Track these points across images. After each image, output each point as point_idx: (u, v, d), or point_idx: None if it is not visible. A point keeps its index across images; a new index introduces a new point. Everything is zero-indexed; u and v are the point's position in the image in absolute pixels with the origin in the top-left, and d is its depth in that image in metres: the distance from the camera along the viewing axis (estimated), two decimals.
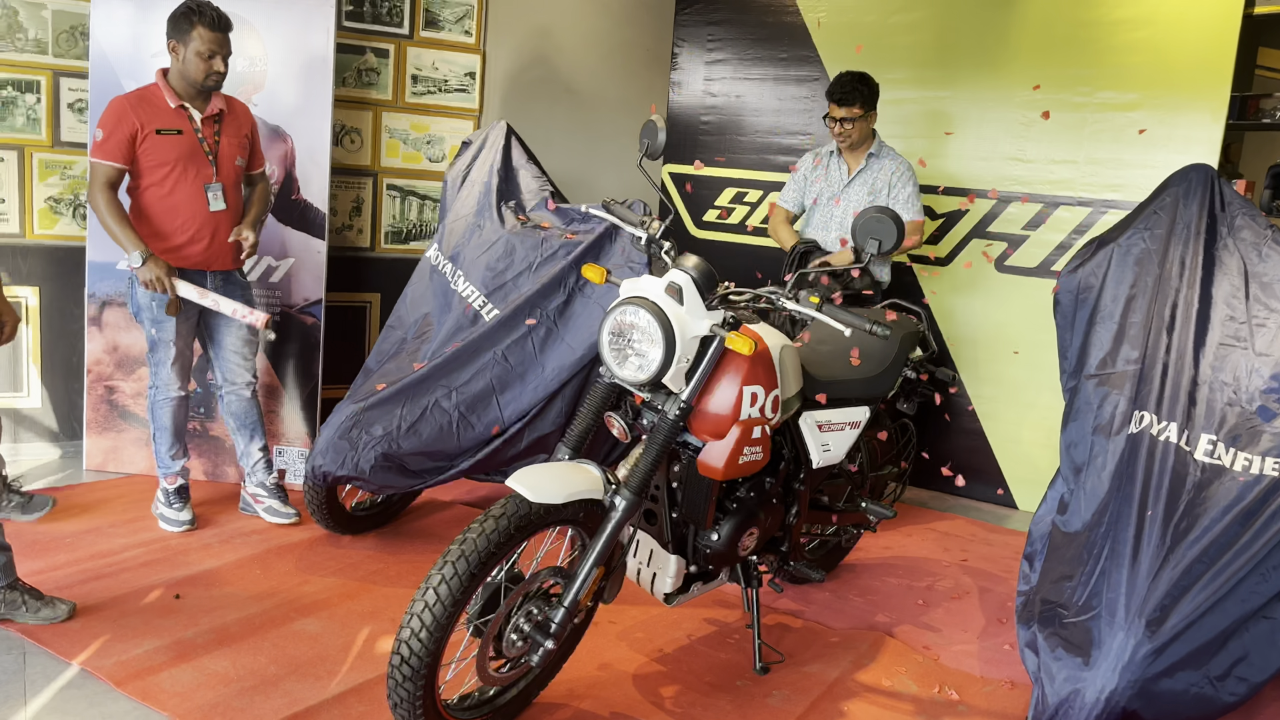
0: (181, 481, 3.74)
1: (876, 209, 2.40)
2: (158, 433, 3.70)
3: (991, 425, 4.91)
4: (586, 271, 2.66)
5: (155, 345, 3.60)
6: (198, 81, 3.46)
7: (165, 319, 3.53)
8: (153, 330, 3.57)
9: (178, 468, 3.72)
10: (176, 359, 3.61)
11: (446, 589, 2.23)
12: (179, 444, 3.73)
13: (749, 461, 2.64)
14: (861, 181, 4.39)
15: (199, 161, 3.51)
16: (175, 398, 3.66)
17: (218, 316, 3.66)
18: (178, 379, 3.64)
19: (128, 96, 3.47)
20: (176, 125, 3.48)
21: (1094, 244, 2.87)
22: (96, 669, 2.69)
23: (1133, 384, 2.64)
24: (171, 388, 3.64)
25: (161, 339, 3.57)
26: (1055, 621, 2.51)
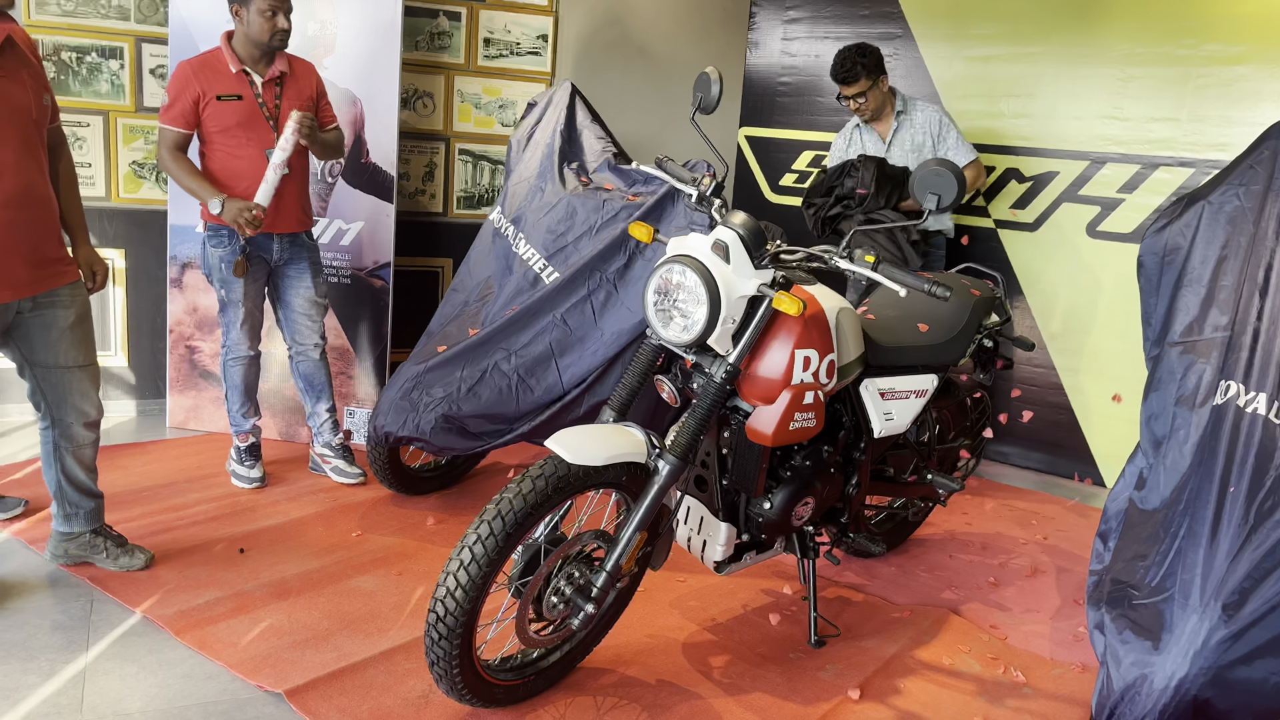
0: (253, 440, 3.82)
1: (935, 161, 2.26)
2: (229, 391, 3.78)
3: (1079, 400, 4.67)
4: (634, 230, 2.59)
5: (225, 306, 3.66)
6: (263, 41, 3.48)
7: (233, 280, 3.59)
8: (222, 291, 3.64)
9: (249, 426, 3.79)
10: (246, 319, 3.67)
11: (482, 548, 2.21)
12: (250, 403, 3.80)
13: (801, 428, 2.55)
14: (899, 143, 4.33)
15: (260, 126, 3.54)
16: (246, 357, 3.73)
17: (282, 278, 3.71)
18: (247, 339, 3.71)
19: (191, 62, 3.52)
20: (237, 90, 3.51)
21: (1183, 201, 2.67)
22: (158, 617, 2.77)
23: (1220, 352, 2.45)
24: (241, 347, 3.71)
25: (231, 299, 3.64)
26: (1125, 602, 2.36)
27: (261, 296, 3.74)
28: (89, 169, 4.30)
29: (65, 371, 2.86)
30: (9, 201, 2.63)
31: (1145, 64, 4.35)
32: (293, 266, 3.73)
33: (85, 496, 2.99)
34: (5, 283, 2.67)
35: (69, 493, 2.97)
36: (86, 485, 2.99)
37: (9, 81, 2.63)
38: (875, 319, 3.10)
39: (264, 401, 4.33)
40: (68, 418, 2.90)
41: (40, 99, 2.74)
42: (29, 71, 2.71)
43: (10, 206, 2.64)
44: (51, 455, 2.93)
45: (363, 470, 3.92)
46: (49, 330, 2.81)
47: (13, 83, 2.64)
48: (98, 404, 2.96)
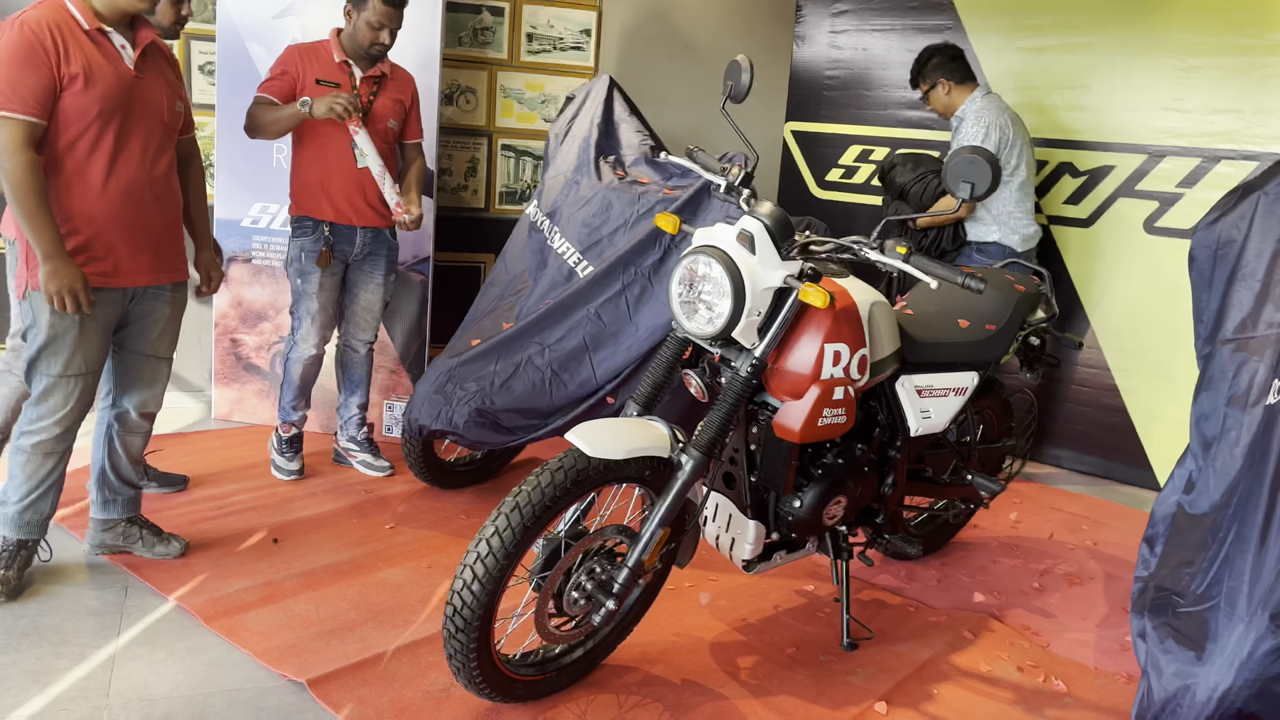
0: (296, 431, 3.84)
1: (969, 148, 2.18)
2: (285, 385, 3.79)
3: (1135, 401, 4.52)
4: (660, 221, 2.55)
5: (299, 297, 3.67)
6: (363, 47, 3.58)
7: (312, 271, 3.62)
8: (298, 281, 3.66)
9: (296, 418, 3.82)
10: (319, 313, 3.68)
11: (499, 540, 2.19)
12: (303, 398, 3.83)
13: (830, 425, 2.48)
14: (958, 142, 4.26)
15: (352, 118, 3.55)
16: (310, 356, 3.73)
17: (356, 272, 3.76)
18: (316, 334, 3.70)
19: (300, 46, 3.64)
20: (336, 78, 3.58)
21: (1237, 192, 2.54)
22: (190, 605, 2.80)
23: (1275, 350, 2.32)
24: (308, 343, 3.70)
25: (306, 291, 3.65)
26: (1168, 611, 2.25)
27: (337, 292, 3.75)
28: None
29: (146, 359, 2.95)
30: (130, 192, 2.73)
31: (1207, 53, 4.18)
32: (369, 262, 3.76)
33: (125, 485, 3.04)
34: (128, 269, 2.78)
35: (111, 479, 3.02)
36: (129, 474, 3.04)
37: (147, 83, 2.75)
38: (914, 314, 3.01)
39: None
40: (130, 402, 2.97)
41: (174, 104, 2.86)
42: (165, 79, 2.84)
43: (133, 197, 2.74)
44: (103, 437, 3.00)
45: (391, 463, 3.93)
46: (146, 319, 2.90)
47: (150, 85, 2.76)
48: (160, 399, 3.04)
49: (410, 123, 3.81)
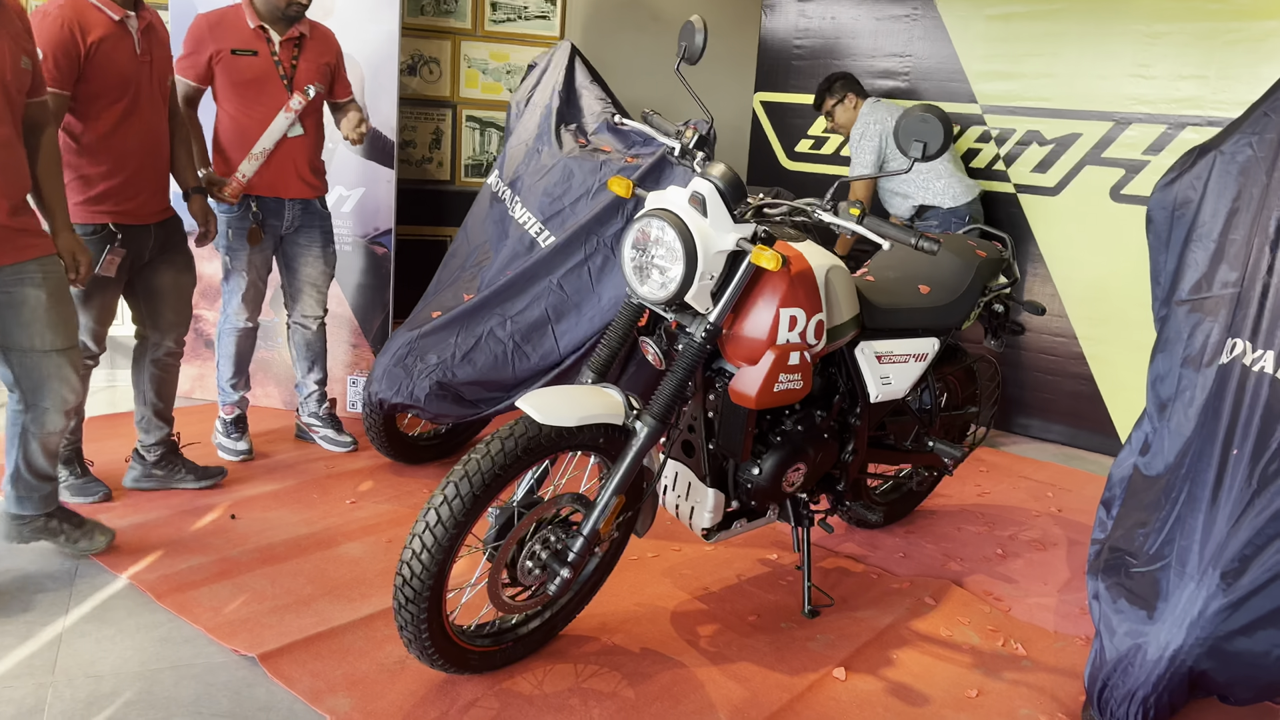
0: (239, 412, 3.74)
1: (921, 107, 2.15)
2: (221, 360, 3.72)
3: (1102, 369, 4.52)
4: (612, 184, 2.50)
5: (229, 274, 3.60)
6: (279, 9, 3.44)
7: (240, 247, 3.54)
8: (227, 258, 3.58)
9: (236, 398, 3.72)
10: (249, 289, 3.60)
11: (448, 509, 2.15)
12: (241, 375, 3.73)
13: (786, 390, 2.46)
14: None
15: (274, 86, 3.45)
16: (242, 328, 3.67)
17: (292, 245, 3.66)
18: (246, 309, 3.64)
19: (207, 16, 3.46)
20: (253, 46, 3.42)
21: (1194, 153, 2.52)
22: (142, 582, 2.76)
23: (1229, 309, 2.31)
24: (239, 318, 3.64)
25: (235, 268, 3.57)
26: (1121, 571, 2.25)
27: (268, 267, 3.68)
28: None
29: (42, 356, 2.65)
30: None
31: (1172, 19, 4.17)
32: (303, 234, 3.67)
33: (42, 481, 2.79)
34: None
35: (25, 477, 2.76)
36: (45, 471, 2.78)
37: None
38: (874, 280, 2.99)
39: (267, 370, 4.32)
40: (44, 403, 2.69)
41: (17, 62, 2.54)
42: (8, 33, 2.53)
43: None
44: (17, 439, 2.72)
45: (354, 438, 3.89)
46: (20, 310, 2.58)
47: None
48: (78, 389, 2.75)
49: (339, 82, 3.68)
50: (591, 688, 2.42)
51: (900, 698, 2.47)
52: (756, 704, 2.40)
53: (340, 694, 2.31)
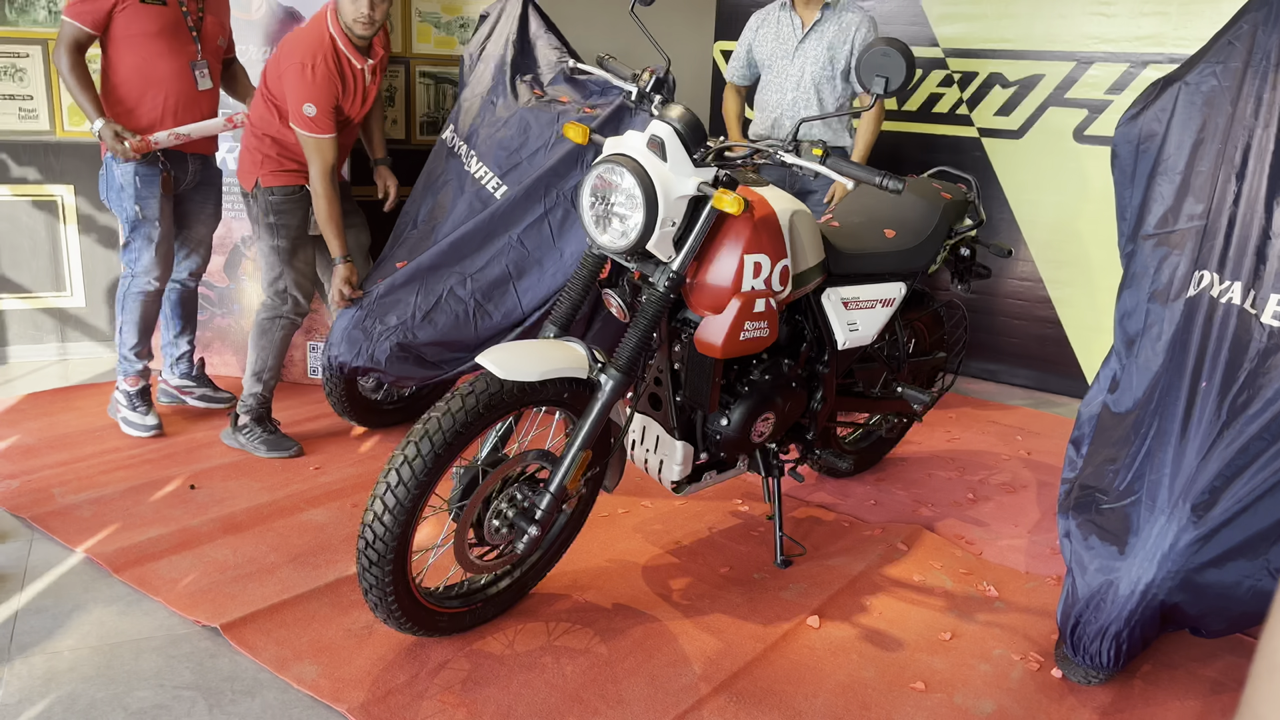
0: (144, 383, 3.54)
1: (884, 40, 2.09)
2: (124, 326, 3.46)
3: (1068, 312, 4.53)
4: (568, 130, 2.43)
5: (138, 225, 3.35)
6: None
7: (152, 195, 3.33)
8: (136, 208, 3.33)
9: (141, 367, 3.51)
10: (162, 241, 3.39)
11: (409, 470, 2.10)
12: (145, 343, 3.51)
13: (752, 338, 2.41)
14: (818, 37, 3.87)
15: (183, 37, 3.32)
16: (153, 289, 3.44)
17: (188, 202, 3.53)
18: (159, 265, 3.41)
19: None
20: None
21: (1158, 85, 2.49)
22: (99, 555, 2.68)
23: (1195, 242, 2.29)
24: (152, 275, 3.41)
25: (147, 217, 3.34)
26: (1092, 508, 2.24)
27: (172, 220, 3.47)
28: (30, 101, 4.13)
29: None
30: None
31: None
32: (199, 191, 3.54)
33: None
34: None
35: None
36: None
37: None
38: (839, 225, 2.94)
39: (225, 338, 4.22)
40: None
41: None
42: None
43: None
44: None
45: (231, 394, 3.80)
46: None
47: None
48: None
49: (231, 39, 3.57)
50: (564, 645, 2.39)
51: (874, 643, 2.46)
52: (731, 655, 2.38)
53: (306, 661, 2.27)
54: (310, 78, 3.19)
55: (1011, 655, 2.43)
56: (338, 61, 3.27)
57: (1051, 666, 2.37)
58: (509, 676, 2.26)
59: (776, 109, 3.99)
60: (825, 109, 3.89)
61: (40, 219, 4.22)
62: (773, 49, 3.99)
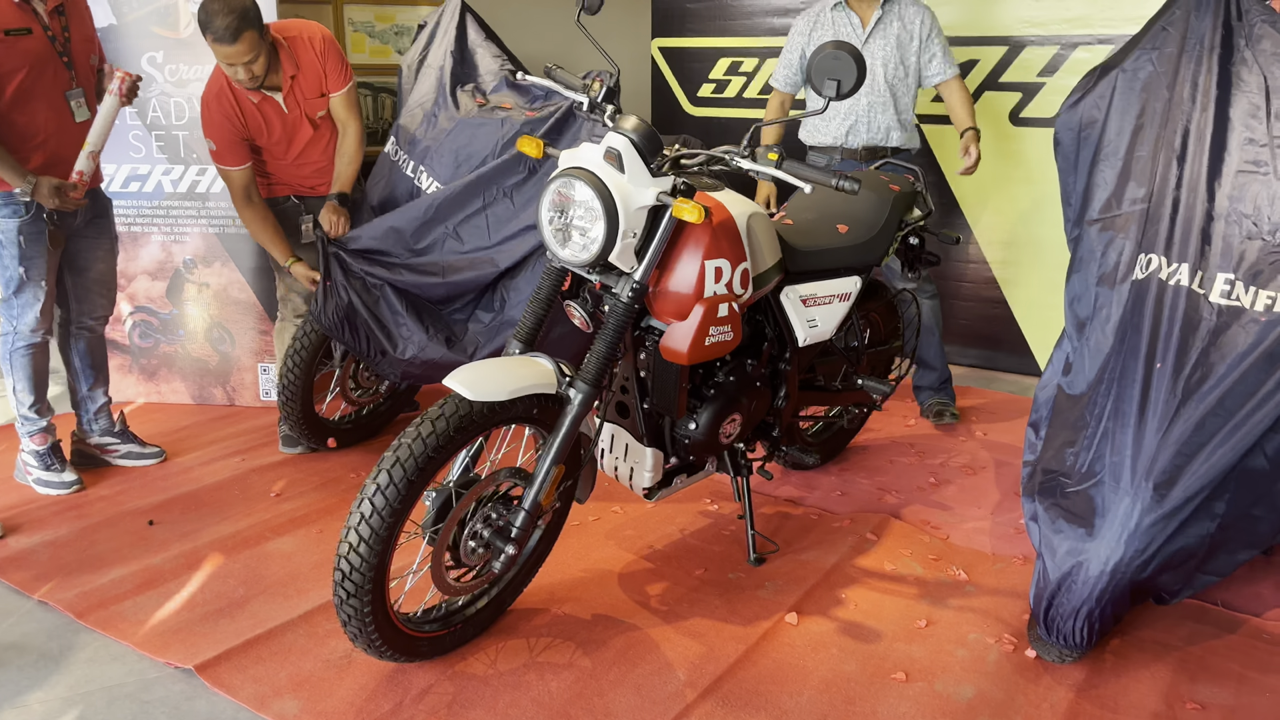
0: (53, 439, 3.28)
1: (832, 43, 2.11)
2: (18, 386, 3.20)
3: (1013, 291, 4.62)
4: (522, 144, 2.41)
5: (22, 285, 3.08)
6: None
7: (38, 254, 3.06)
8: (21, 270, 3.05)
9: (45, 423, 3.25)
10: (47, 299, 3.13)
11: (383, 499, 2.07)
12: (43, 397, 3.26)
13: (717, 343, 2.42)
14: (882, 35, 3.68)
15: (53, 65, 3.00)
16: (40, 343, 3.20)
17: (80, 241, 3.26)
18: (44, 321, 3.16)
19: None
20: (24, 23, 2.91)
21: (1096, 72, 2.55)
22: (58, 601, 2.61)
23: (1139, 225, 2.35)
24: (37, 333, 3.16)
25: (32, 278, 3.07)
26: (1057, 492, 2.29)
27: (57, 270, 3.21)
28: None
29: None
30: None
31: None
32: (92, 227, 3.28)
33: None
34: None
35: None
36: None
37: None
38: (793, 223, 2.97)
39: (171, 364, 4.12)
40: None
41: None
42: None
43: None
44: None
45: (160, 448, 3.57)
46: None
47: None
48: None
49: (101, 51, 3.29)
50: (547, 660, 2.39)
51: (853, 636, 2.50)
52: (713, 658, 2.39)
53: (287, 697, 2.23)
54: (207, 116, 3.35)
55: (986, 639, 2.48)
56: (234, 99, 3.32)
57: (1025, 647, 2.42)
58: (494, 697, 2.24)
59: (850, 115, 3.75)
60: (900, 111, 3.75)
61: None
62: None
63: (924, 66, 3.79)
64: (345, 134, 3.53)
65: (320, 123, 3.50)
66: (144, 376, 4.13)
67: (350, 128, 3.52)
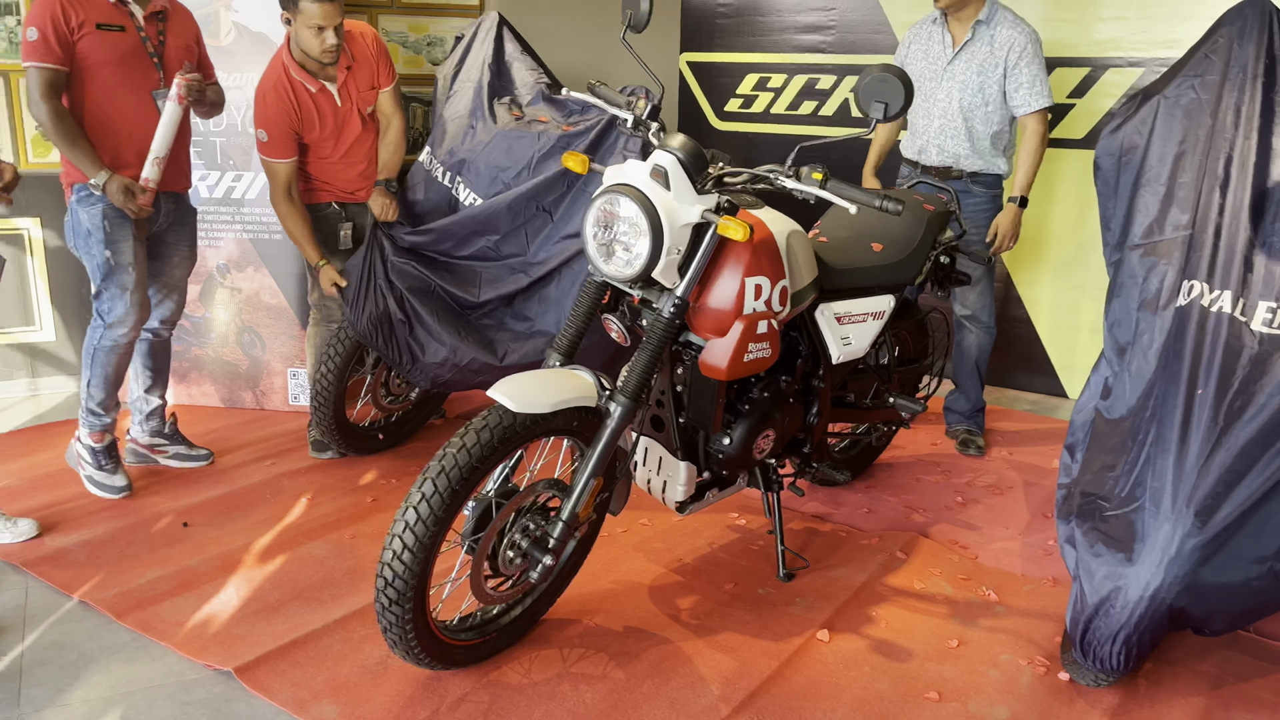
0: (111, 438, 3.29)
1: (880, 66, 2.13)
2: (93, 381, 3.20)
3: (1038, 311, 4.63)
4: (567, 160, 2.44)
5: (111, 271, 3.11)
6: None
7: (125, 238, 3.11)
8: (106, 254, 3.10)
9: (109, 421, 3.26)
10: (137, 286, 3.15)
11: (427, 507, 2.10)
12: (114, 396, 3.27)
13: (756, 359, 2.44)
14: (969, 56, 3.55)
15: (143, 64, 3.10)
16: (126, 341, 3.19)
17: (160, 244, 3.33)
18: (135, 315, 3.17)
19: None
20: (118, 20, 3.03)
21: (1137, 98, 2.56)
22: (97, 601, 2.64)
23: (1182, 252, 2.37)
24: (127, 324, 3.16)
25: (119, 263, 3.11)
26: (1095, 515, 2.30)
27: (146, 264, 3.26)
28: None
29: None
30: None
31: None
32: (173, 232, 3.36)
33: None
34: None
35: None
36: None
37: None
38: (827, 241, 2.99)
39: (203, 367, 4.16)
40: None
41: None
42: None
43: None
44: None
45: (209, 450, 3.62)
46: None
47: None
48: None
49: (203, 62, 3.37)
50: (580, 671, 2.40)
51: (885, 655, 2.50)
52: (746, 673, 2.40)
53: (325, 701, 2.25)
54: (261, 106, 3.40)
55: (1019, 660, 2.48)
56: (291, 90, 3.39)
57: (1058, 670, 2.43)
58: (530, 707, 2.26)
59: (923, 136, 3.70)
60: (976, 140, 3.61)
61: (7, 253, 4.13)
62: (922, 69, 3.67)
63: (1010, 95, 3.55)
64: (390, 126, 3.63)
65: (369, 119, 3.58)
66: (175, 379, 4.17)
67: (395, 121, 3.62)
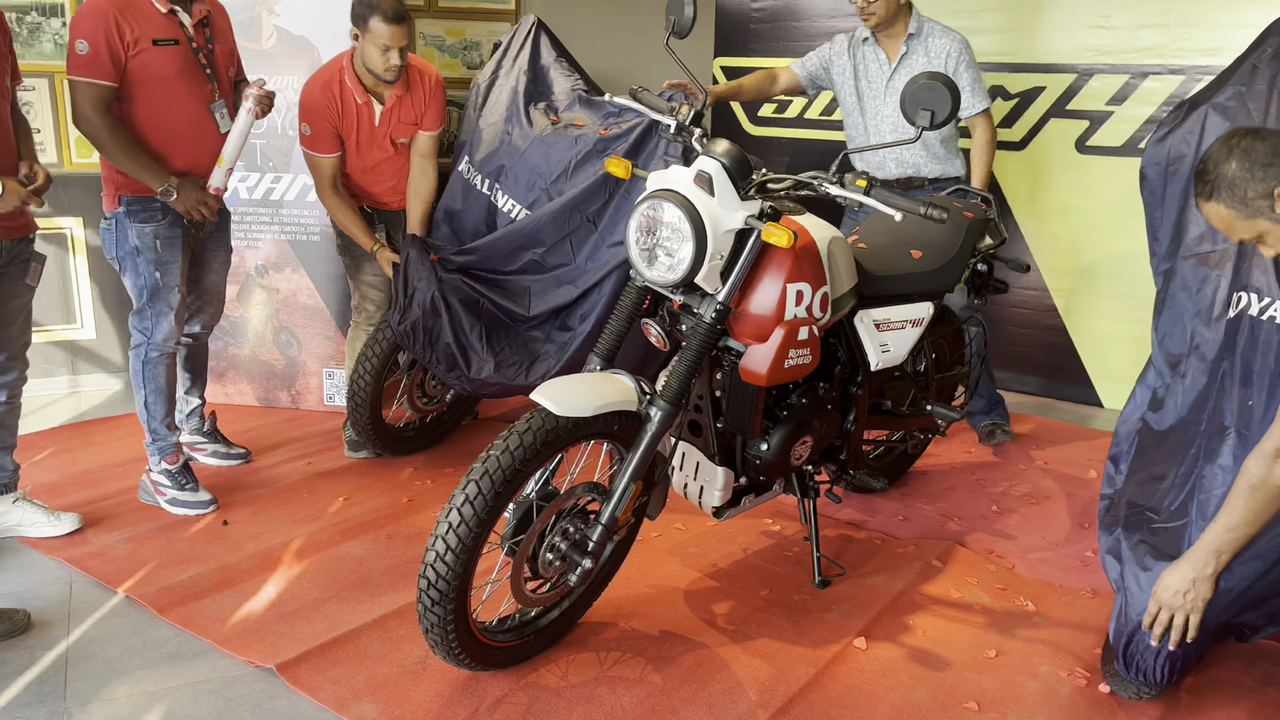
0: (184, 457, 3.26)
1: (927, 75, 2.13)
2: (151, 398, 3.17)
3: (1074, 320, 4.59)
4: (610, 166, 2.45)
5: (157, 292, 3.09)
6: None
7: (174, 259, 3.10)
8: (156, 274, 3.07)
9: (175, 439, 3.24)
10: (180, 305, 3.15)
11: (470, 509, 2.11)
12: (173, 409, 3.25)
13: (796, 365, 2.44)
14: (908, 69, 3.64)
15: (197, 75, 3.05)
16: (171, 353, 3.19)
17: (206, 252, 3.33)
18: (178, 329, 3.17)
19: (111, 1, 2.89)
20: (172, 34, 2.98)
21: (1184, 107, 2.54)
22: (140, 596, 2.67)
23: (1233, 263, 2.34)
24: (171, 341, 3.15)
25: (166, 284, 3.09)
26: (1143, 527, 2.28)
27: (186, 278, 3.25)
28: (38, 135, 4.10)
29: None
30: None
31: None
32: (214, 239, 3.36)
33: None
34: None
35: None
36: None
37: None
38: (867, 248, 2.98)
39: (240, 366, 4.20)
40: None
41: None
42: None
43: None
44: None
45: (246, 449, 3.67)
46: None
47: None
48: None
49: (239, 65, 3.35)
50: (618, 675, 2.41)
51: (922, 663, 2.49)
52: (784, 680, 2.40)
53: (365, 700, 2.27)
54: (308, 101, 3.46)
55: (1059, 672, 2.47)
56: (339, 92, 3.45)
57: (1099, 682, 2.41)
58: (568, 710, 2.27)
59: (879, 151, 3.74)
60: (930, 147, 3.68)
61: (49, 251, 4.19)
62: (862, 88, 3.75)
63: None
64: (423, 175, 3.65)
65: (400, 148, 3.61)
66: (212, 377, 4.20)
67: (429, 170, 3.64)
